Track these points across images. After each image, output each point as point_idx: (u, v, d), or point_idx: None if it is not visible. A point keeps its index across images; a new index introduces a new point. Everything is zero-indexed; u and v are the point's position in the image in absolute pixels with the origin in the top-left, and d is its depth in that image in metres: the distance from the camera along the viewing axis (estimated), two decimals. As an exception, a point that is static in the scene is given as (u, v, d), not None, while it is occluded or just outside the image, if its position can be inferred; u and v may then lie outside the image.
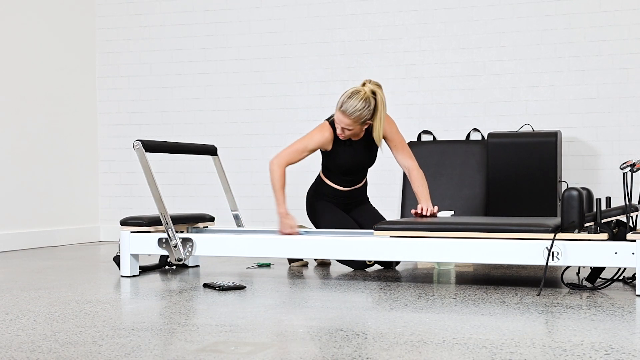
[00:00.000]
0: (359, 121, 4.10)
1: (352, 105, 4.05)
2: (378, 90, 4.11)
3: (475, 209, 5.18)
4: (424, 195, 4.19)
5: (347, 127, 4.12)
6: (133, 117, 6.44)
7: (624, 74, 5.34)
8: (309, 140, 4.24)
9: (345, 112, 4.07)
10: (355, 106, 4.05)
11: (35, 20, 5.93)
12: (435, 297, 3.28)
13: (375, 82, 4.16)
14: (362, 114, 4.07)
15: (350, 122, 4.09)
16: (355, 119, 4.08)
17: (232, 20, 6.17)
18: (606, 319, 2.74)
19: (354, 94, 4.08)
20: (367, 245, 3.69)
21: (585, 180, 5.40)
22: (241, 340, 2.42)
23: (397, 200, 5.71)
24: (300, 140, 4.27)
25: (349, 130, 4.15)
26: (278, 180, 4.21)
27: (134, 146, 4.02)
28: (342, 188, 4.39)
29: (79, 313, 2.93)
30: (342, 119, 4.10)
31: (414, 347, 2.30)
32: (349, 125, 4.11)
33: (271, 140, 6.05)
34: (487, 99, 5.60)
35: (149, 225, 4.06)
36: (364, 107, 4.06)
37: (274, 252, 3.85)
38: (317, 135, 4.25)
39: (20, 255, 5.29)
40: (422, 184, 4.22)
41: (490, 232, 3.51)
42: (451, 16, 5.67)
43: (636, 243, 3.27)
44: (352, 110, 4.06)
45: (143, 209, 6.29)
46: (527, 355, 2.18)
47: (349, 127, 4.11)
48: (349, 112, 4.06)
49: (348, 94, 4.10)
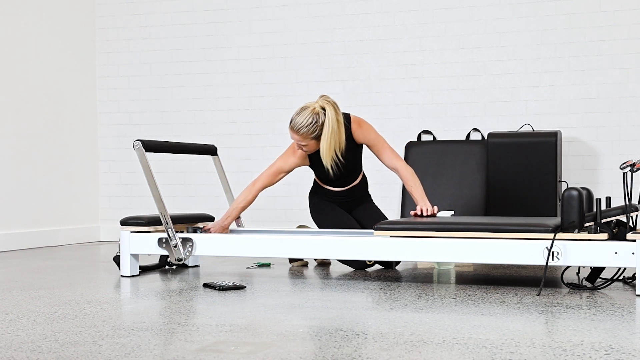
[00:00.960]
0: (310, 136, 4.05)
1: (300, 122, 4.03)
2: (328, 107, 4.04)
3: (475, 209, 5.18)
4: (419, 195, 4.10)
5: (299, 142, 4.09)
6: (133, 117, 6.44)
7: (624, 74, 5.34)
8: (284, 163, 4.24)
9: (294, 128, 4.06)
10: (302, 122, 4.02)
11: (35, 20, 5.93)
12: (435, 297, 3.28)
13: (328, 99, 4.07)
14: (309, 129, 4.03)
15: (300, 137, 4.06)
16: (304, 135, 4.05)
17: (232, 20, 6.17)
18: (606, 319, 2.74)
19: (303, 109, 4.07)
20: (367, 245, 3.69)
21: (585, 180, 5.40)
22: (241, 340, 2.42)
23: (397, 200, 5.71)
24: (276, 162, 4.26)
25: (304, 146, 4.11)
26: (242, 199, 4.22)
27: (134, 146, 4.02)
28: (338, 189, 4.39)
29: (79, 313, 2.93)
30: (293, 136, 4.09)
31: (414, 347, 2.30)
32: (301, 141, 4.08)
33: (271, 140, 6.05)
34: (487, 99, 5.60)
35: (149, 225, 4.06)
36: (311, 123, 4.02)
37: (274, 252, 3.85)
38: (289, 157, 4.24)
39: (20, 255, 5.29)
40: (414, 183, 4.13)
41: (490, 232, 3.51)
42: (451, 16, 5.67)
43: (636, 243, 3.27)
44: (300, 126, 4.03)
45: (143, 209, 6.29)
46: (527, 355, 2.18)
47: (301, 142, 4.09)
48: (296, 128, 4.04)
49: (298, 110, 4.09)
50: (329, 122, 4.02)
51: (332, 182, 4.35)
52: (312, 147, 4.12)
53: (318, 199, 4.44)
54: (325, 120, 4.03)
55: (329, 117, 4.02)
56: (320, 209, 4.42)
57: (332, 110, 4.03)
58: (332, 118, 4.02)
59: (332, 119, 4.03)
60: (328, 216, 4.37)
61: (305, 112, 4.05)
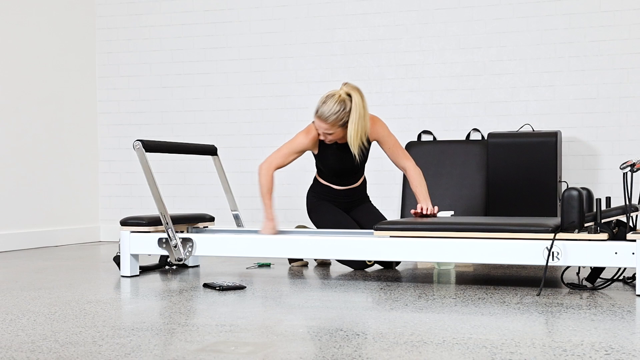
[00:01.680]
0: (337, 124, 4.06)
1: (327, 110, 4.03)
2: (354, 94, 4.05)
3: (475, 209, 5.18)
4: (422, 195, 4.14)
5: (326, 131, 4.09)
6: (133, 117, 6.44)
7: (624, 74, 5.34)
8: (295, 144, 4.23)
9: (322, 116, 4.05)
10: (330, 110, 4.03)
11: (35, 20, 5.93)
12: (435, 297, 3.28)
13: (354, 86, 4.11)
14: (338, 116, 4.03)
15: (327, 126, 4.06)
16: (333, 123, 4.05)
17: (232, 20, 6.17)
18: (606, 319, 2.74)
19: (328, 97, 4.06)
20: (367, 245, 3.69)
21: (585, 180, 5.40)
22: (241, 340, 2.42)
23: (397, 200, 5.71)
24: (287, 143, 4.26)
25: (330, 135, 4.12)
26: (265, 184, 4.21)
27: (134, 146, 4.02)
28: (338, 187, 4.39)
29: (79, 313, 2.93)
30: (320, 125, 4.09)
31: (414, 347, 2.30)
32: (328, 130, 4.08)
33: (271, 140, 6.05)
34: (487, 99, 5.60)
35: (149, 225, 4.06)
36: (339, 110, 4.03)
37: (274, 252, 3.85)
38: (302, 137, 4.23)
39: (20, 255, 5.29)
40: (420, 183, 4.18)
41: (490, 232, 3.51)
42: (451, 16, 5.67)
43: (636, 243, 3.27)
44: (328, 114, 4.03)
45: (143, 209, 6.29)
46: (527, 355, 2.18)
47: (328, 131, 4.09)
48: (324, 116, 4.04)
49: (323, 98, 4.08)
50: (356, 107, 4.04)
51: (335, 178, 4.34)
52: (338, 135, 4.13)
53: (316, 199, 4.44)
54: (352, 106, 4.04)
55: (356, 102, 4.04)
56: (318, 209, 4.41)
57: (358, 96, 4.05)
58: (359, 104, 4.04)
59: (359, 104, 4.04)
60: (326, 216, 4.37)
61: (332, 100, 4.05)
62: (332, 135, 4.13)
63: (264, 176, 4.22)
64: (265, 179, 4.22)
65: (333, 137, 4.15)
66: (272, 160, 4.23)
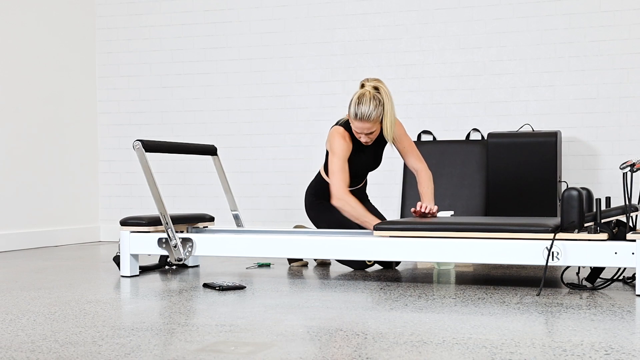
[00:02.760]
0: (379, 120, 4.11)
1: (367, 109, 4.05)
2: (380, 85, 4.11)
3: (475, 209, 5.18)
4: (428, 196, 4.22)
5: (369, 131, 4.12)
6: (133, 117, 6.44)
7: (624, 74, 5.34)
8: (343, 151, 4.17)
9: (363, 118, 4.07)
10: (370, 109, 4.05)
11: (35, 20, 5.93)
12: (435, 297, 3.28)
13: (374, 78, 4.16)
14: (377, 112, 4.07)
15: (371, 124, 4.09)
16: (375, 120, 4.09)
17: (232, 20, 6.17)
18: (606, 319, 2.74)
19: (361, 97, 4.06)
20: (367, 245, 3.69)
21: (585, 180, 5.40)
22: (241, 340, 2.42)
23: (397, 200, 5.71)
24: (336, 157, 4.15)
25: (372, 133, 4.15)
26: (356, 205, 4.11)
27: (134, 146, 4.02)
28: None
29: (79, 313, 2.93)
30: (362, 126, 4.08)
31: (414, 347, 2.30)
32: (371, 129, 4.11)
33: (271, 140, 6.05)
34: (487, 99, 5.60)
35: (149, 225, 4.06)
36: (377, 106, 4.06)
37: (274, 252, 3.85)
38: (343, 143, 4.17)
39: (20, 255, 5.28)
40: (428, 185, 4.26)
41: (490, 232, 3.51)
42: (451, 16, 5.67)
43: (636, 243, 3.27)
44: (369, 113, 4.05)
45: (143, 209, 6.29)
46: (527, 355, 2.18)
47: (371, 130, 4.11)
48: (366, 116, 4.06)
49: (355, 100, 4.07)
50: (387, 98, 4.10)
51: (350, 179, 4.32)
52: (376, 134, 4.17)
53: (315, 198, 4.44)
54: (383, 98, 4.09)
55: (386, 93, 4.10)
56: (317, 207, 4.41)
57: (383, 87, 4.12)
58: (387, 93, 4.11)
59: (388, 94, 4.11)
60: (325, 215, 4.37)
61: (367, 99, 4.06)
62: (373, 134, 4.16)
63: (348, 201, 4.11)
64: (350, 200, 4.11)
65: (374, 136, 4.18)
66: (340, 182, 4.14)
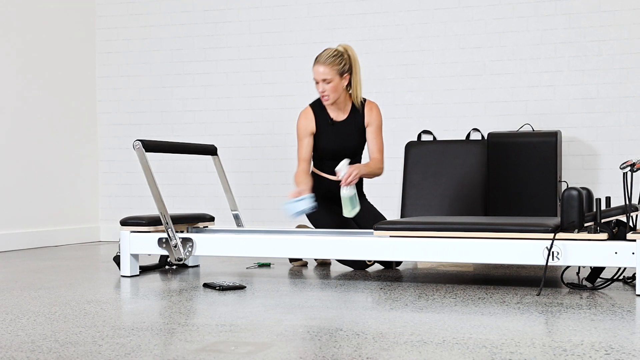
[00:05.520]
0: (335, 68, 4.16)
1: (325, 54, 4.20)
2: (349, 49, 4.24)
3: (475, 209, 5.17)
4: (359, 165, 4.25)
5: (324, 77, 4.16)
6: (133, 117, 6.44)
7: (624, 74, 5.34)
8: (300, 132, 4.35)
9: (319, 60, 4.19)
10: (328, 53, 4.18)
11: (35, 20, 5.93)
12: (435, 297, 3.28)
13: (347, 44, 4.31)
14: (335, 60, 4.16)
15: (326, 69, 4.16)
16: (330, 65, 4.15)
17: (232, 20, 6.17)
18: (606, 319, 2.74)
19: (326, 49, 4.25)
20: (367, 245, 3.69)
21: (585, 180, 5.40)
22: (241, 340, 2.42)
23: (397, 200, 5.71)
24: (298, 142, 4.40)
25: (328, 84, 4.18)
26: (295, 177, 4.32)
27: (134, 146, 4.02)
28: (334, 177, 4.35)
29: (79, 313, 2.93)
30: (317, 70, 4.19)
31: (414, 347, 2.30)
32: (326, 75, 4.16)
33: (271, 140, 6.05)
34: (487, 99, 5.60)
35: (149, 225, 4.06)
36: (337, 55, 4.18)
37: (274, 252, 3.85)
38: (301, 123, 4.36)
39: (20, 255, 5.28)
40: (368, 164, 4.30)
41: (490, 232, 3.51)
42: (451, 16, 5.67)
43: (636, 243, 3.27)
44: (326, 57, 4.17)
45: (143, 209, 6.29)
46: (527, 355, 2.18)
47: (326, 76, 4.16)
48: (322, 60, 4.18)
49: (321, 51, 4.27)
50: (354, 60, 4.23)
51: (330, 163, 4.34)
52: (336, 85, 4.19)
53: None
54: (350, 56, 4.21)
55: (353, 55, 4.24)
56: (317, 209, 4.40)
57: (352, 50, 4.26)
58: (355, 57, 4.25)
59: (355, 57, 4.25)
60: (326, 216, 4.36)
61: (329, 49, 4.24)
62: (330, 85, 4.18)
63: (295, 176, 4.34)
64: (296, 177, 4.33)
65: (331, 88, 4.19)
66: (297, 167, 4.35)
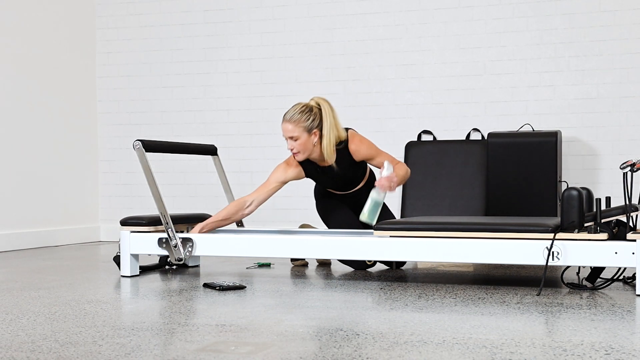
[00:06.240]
0: (302, 125, 4.01)
1: (292, 111, 4.05)
2: (322, 102, 4.08)
3: (475, 209, 5.17)
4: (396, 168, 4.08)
5: (291, 134, 4.02)
6: (133, 117, 6.44)
7: (624, 74, 5.34)
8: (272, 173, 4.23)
9: (286, 117, 4.05)
10: (295, 110, 4.04)
11: (35, 20, 5.93)
12: (435, 297, 3.28)
13: (320, 97, 4.13)
14: (302, 117, 4.01)
15: (292, 127, 4.01)
16: (296, 122, 4.01)
17: (232, 20, 6.17)
18: (606, 319, 2.74)
19: (295, 105, 4.11)
20: (367, 245, 3.68)
21: (585, 180, 5.40)
22: (241, 340, 2.42)
23: (397, 200, 5.71)
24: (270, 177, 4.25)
25: (295, 141, 4.03)
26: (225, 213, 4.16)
27: (134, 146, 4.02)
28: (341, 192, 4.37)
29: (79, 313, 2.94)
30: (285, 127, 4.05)
31: (414, 347, 2.30)
32: (293, 132, 4.01)
33: (271, 140, 6.05)
34: (487, 99, 5.60)
35: (149, 225, 4.06)
36: (304, 111, 4.03)
37: (274, 252, 3.85)
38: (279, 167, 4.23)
39: (20, 255, 5.29)
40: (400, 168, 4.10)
41: (490, 232, 3.51)
42: (451, 16, 5.67)
43: (636, 243, 3.27)
44: (292, 113, 4.03)
45: (143, 209, 6.29)
46: (527, 355, 2.18)
47: (293, 134, 4.01)
48: (288, 117, 4.04)
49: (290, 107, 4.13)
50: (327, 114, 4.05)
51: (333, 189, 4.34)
52: (304, 142, 4.04)
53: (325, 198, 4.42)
54: (322, 111, 4.06)
55: (326, 110, 4.06)
56: (328, 208, 4.39)
57: (326, 104, 4.09)
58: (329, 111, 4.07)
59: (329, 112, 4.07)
60: (337, 215, 4.34)
61: (298, 105, 4.10)
62: (297, 143, 4.03)
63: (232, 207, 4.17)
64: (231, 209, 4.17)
65: (299, 145, 4.04)
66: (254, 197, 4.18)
